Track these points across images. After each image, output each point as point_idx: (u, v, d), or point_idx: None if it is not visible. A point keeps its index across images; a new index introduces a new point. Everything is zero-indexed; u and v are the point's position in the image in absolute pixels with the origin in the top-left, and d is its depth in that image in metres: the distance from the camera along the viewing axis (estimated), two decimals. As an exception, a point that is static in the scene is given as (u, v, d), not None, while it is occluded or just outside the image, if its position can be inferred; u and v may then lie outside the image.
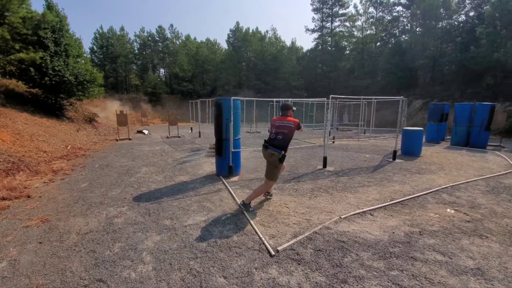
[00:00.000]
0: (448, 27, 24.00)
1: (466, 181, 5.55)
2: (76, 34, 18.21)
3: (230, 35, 36.80)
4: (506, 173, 6.20)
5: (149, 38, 33.91)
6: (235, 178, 5.87)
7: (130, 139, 12.81)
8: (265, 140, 4.15)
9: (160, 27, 33.58)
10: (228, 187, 5.17)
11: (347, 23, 35.13)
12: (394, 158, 7.67)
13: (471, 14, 23.46)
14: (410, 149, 8.39)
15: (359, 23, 34.42)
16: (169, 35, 34.41)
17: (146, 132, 15.68)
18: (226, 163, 5.94)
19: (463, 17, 24.18)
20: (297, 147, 10.07)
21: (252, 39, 34.79)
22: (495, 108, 10.28)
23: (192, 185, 5.42)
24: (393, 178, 5.91)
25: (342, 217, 3.74)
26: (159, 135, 15.00)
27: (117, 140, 12.54)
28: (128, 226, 3.59)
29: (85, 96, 14.55)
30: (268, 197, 4.63)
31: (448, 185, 5.24)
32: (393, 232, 3.30)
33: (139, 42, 34.26)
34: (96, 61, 31.39)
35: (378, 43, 32.89)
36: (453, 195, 4.71)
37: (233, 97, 5.69)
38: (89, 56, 27.56)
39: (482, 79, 19.50)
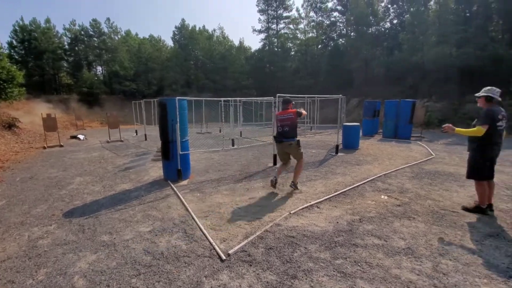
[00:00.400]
0: (377, 33, 27.00)
1: (395, 169, 6.28)
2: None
3: (176, 32, 35.22)
4: (426, 160, 7.21)
5: (82, 32, 30.26)
6: (184, 182, 5.61)
7: (61, 145, 11.26)
8: (274, 136, 4.93)
9: (94, 20, 30.23)
10: (177, 192, 4.90)
11: (291, 26, 36.75)
12: (336, 152, 8.27)
13: (395, 21, 26.85)
14: (350, 143, 9.15)
15: (301, 26, 36.36)
16: (105, 30, 31.28)
17: (81, 137, 13.99)
18: (174, 167, 5.63)
19: (388, 24, 27.52)
20: (248, 146, 10.13)
21: (200, 37, 33.89)
22: (416, 104, 11.91)
23: (136, 193, 4.99)
24: (336, 170, 6.35)
25: (291, 212, 3.85)
26: (98, 140, 13.53)
27: (44, 147, 10.90)
28: (56, 247, 3.11)
29: (1, 98, 12.30)
30: (296, 190, 4.83)
31: (381, 174, 5.85)
32: (337, 222, 3.52)
33: (69, 36, 30.35)
34: (16, 57, 26.84)
35: (320, 46, 35.22)
36: (386, 182, 5.28)
37: (178, 97, 5.40)
38: (6, 51, 23.37)
39: (405, 79, 22.47)
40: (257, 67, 37.36)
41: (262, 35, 38.90)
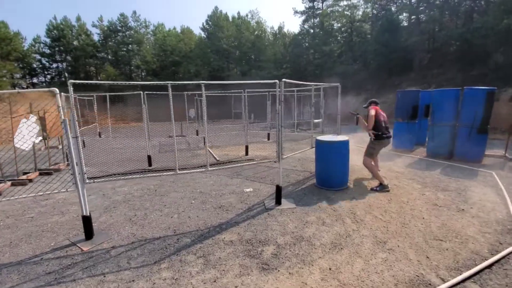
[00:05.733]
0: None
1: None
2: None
3: (206, 22, 32.75)
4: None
5: (111, 28, 30.27)
6: None
7: None
8: (380, 134, 4.39)
9: (122, 15, 29.88)
10: None
11: (340, 2, 30.41)
12: (278, 201, 3.86)
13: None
14: (326, 176, 4.53)
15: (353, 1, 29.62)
16: (132, 24, 30.72)
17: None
18: None
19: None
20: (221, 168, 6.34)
21: (226, 24, 30.65)
22: (496, 95, 6.22)
23: None
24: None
25: None
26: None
27: None
28: None
29: None
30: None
31: None
32: None
33: (98, 33, 30.72)
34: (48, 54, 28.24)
35: (370, 22, 28.12)
36: None
37: None
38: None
39: (489, 57, 14.90)
40: (294, 53, 32.39)
41: (304, 17, 33.72)
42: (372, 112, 4.45)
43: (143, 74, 32.15)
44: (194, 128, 12.58)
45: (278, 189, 3.84)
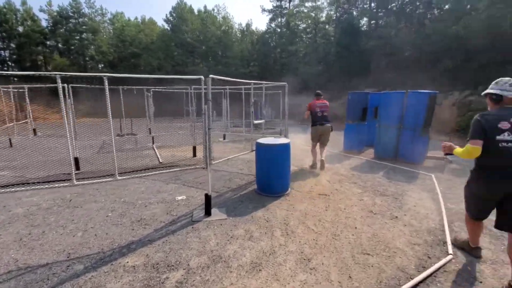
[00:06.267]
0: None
1: None
2: None
3: (170, 14, 31.10)
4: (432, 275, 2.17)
5: (61, 14, 27.37)
6: None
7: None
8: (313, 121, 5.53)
9: (74, 0, 27.22)
10: None
11: (306, 3, 30.74)
12: (207, 211, 3.45)
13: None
14: (266, 181, 4.22)
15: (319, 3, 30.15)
16: (86, 11, 28.07)
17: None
18: None
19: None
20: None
21: (190, 17, 29.38)
22: (437, 98, 6.46)
23: None
24: None
25: None
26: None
27: None
28: None
29: None
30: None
31: None
32: None
33: (47, 19, 27.62)
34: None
35: (334, 25, 28.87)
36: None
37: None
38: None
39: (440, 61, 15.98)
40: (262, 52, 32.20)
41: (271, 15, 33.64)
42: (307, 106, 5.60)
43: (100, 66, 29.71)
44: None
45: (207, 199, 3.43)
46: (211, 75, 3.28)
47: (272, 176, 4.16)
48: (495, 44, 12.00)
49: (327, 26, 28.81)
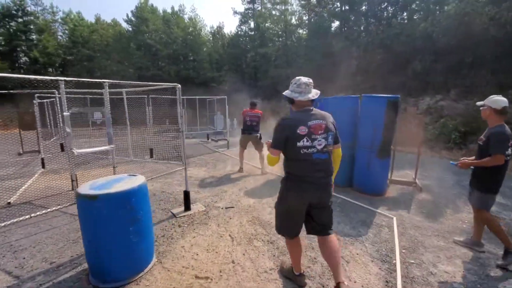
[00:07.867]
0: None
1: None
2: None
3: (131, 13, 28.72)
4: None
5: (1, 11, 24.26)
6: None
7: None
8: (242, 128, 5.80)
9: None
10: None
11: (277, 6, 29.50)
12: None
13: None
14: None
15: (289, 6, 29.01)
16: (33, 8, 25.08)
17: None
18: None
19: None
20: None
21: (152, 17, 27.17)
22: (399, 104, 5.21)
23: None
24: None
25: None
26: None
27: None
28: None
29: None
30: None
31: None
32: None
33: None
34: None
35: (305, 28, 27.76)
36: None
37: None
38: None
39: (410, 63, 14.90)
40: (233, 55, 30.53)
41: (242, 18, 32.14)
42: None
43: (50, 69, 26.69)
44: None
45: None
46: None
47: (104, 255, 2.26)
48: (465, 43, 10.95)
49: (298, 29, 27.68)
